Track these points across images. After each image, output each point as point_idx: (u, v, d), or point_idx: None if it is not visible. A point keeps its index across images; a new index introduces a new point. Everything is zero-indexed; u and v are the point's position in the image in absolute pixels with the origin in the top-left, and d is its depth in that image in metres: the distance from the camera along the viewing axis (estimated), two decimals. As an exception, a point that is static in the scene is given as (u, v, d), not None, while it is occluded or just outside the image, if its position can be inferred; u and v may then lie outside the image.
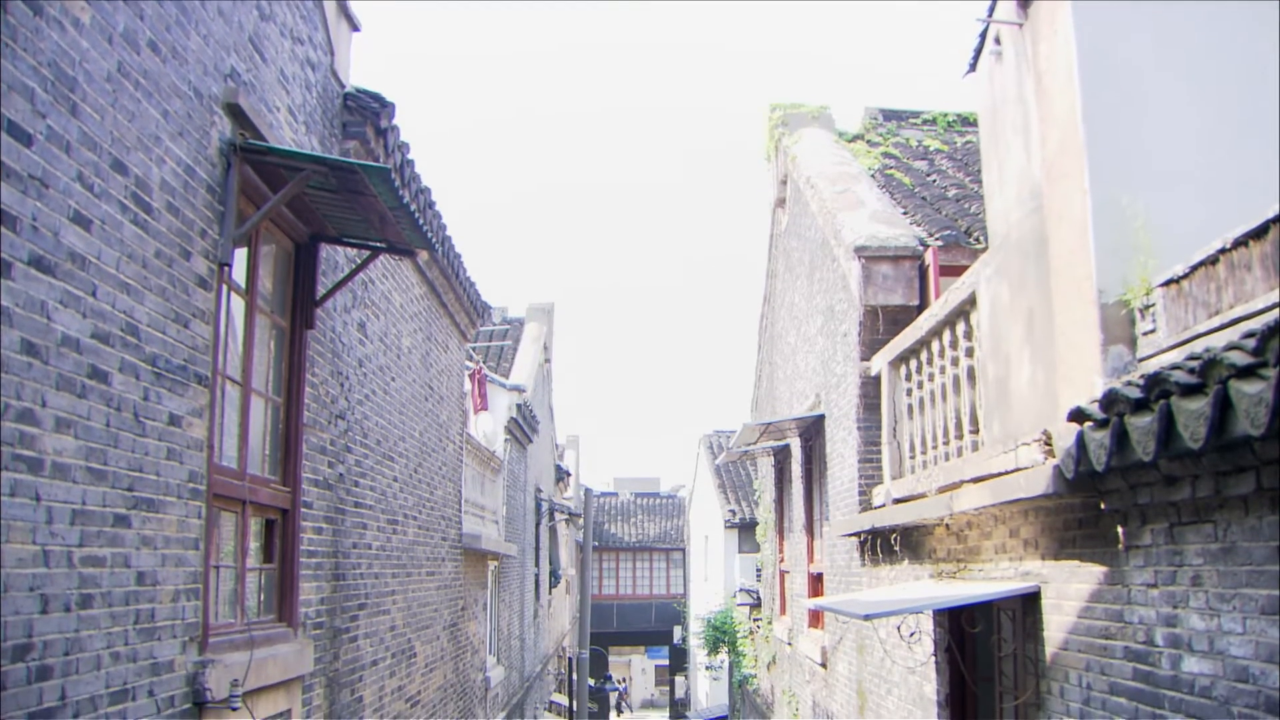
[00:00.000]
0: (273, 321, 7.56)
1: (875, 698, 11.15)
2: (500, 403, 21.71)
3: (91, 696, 4.76)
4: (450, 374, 14.28)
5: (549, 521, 30.44)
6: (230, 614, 6.69)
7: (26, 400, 4.23)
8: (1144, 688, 5.26)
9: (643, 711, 66.77)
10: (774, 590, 19.54)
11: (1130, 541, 5.36)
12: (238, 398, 6.85)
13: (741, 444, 17.22)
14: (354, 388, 9.30)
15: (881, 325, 11.44)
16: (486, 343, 28.76)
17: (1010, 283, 7.18)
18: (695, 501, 47.00)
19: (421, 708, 12.27)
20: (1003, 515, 7.22)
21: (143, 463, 5.22)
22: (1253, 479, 4.20)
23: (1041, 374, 6.61)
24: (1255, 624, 4.31)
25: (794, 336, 16.59)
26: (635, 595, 55.75)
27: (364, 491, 9.66)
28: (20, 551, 4.21)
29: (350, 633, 9.16)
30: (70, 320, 4.57)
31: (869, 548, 11.05)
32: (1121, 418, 4.73)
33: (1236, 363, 3.85)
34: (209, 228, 6.06)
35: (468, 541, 15.22)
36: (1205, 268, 5.31)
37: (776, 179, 17.64)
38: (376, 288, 10.13)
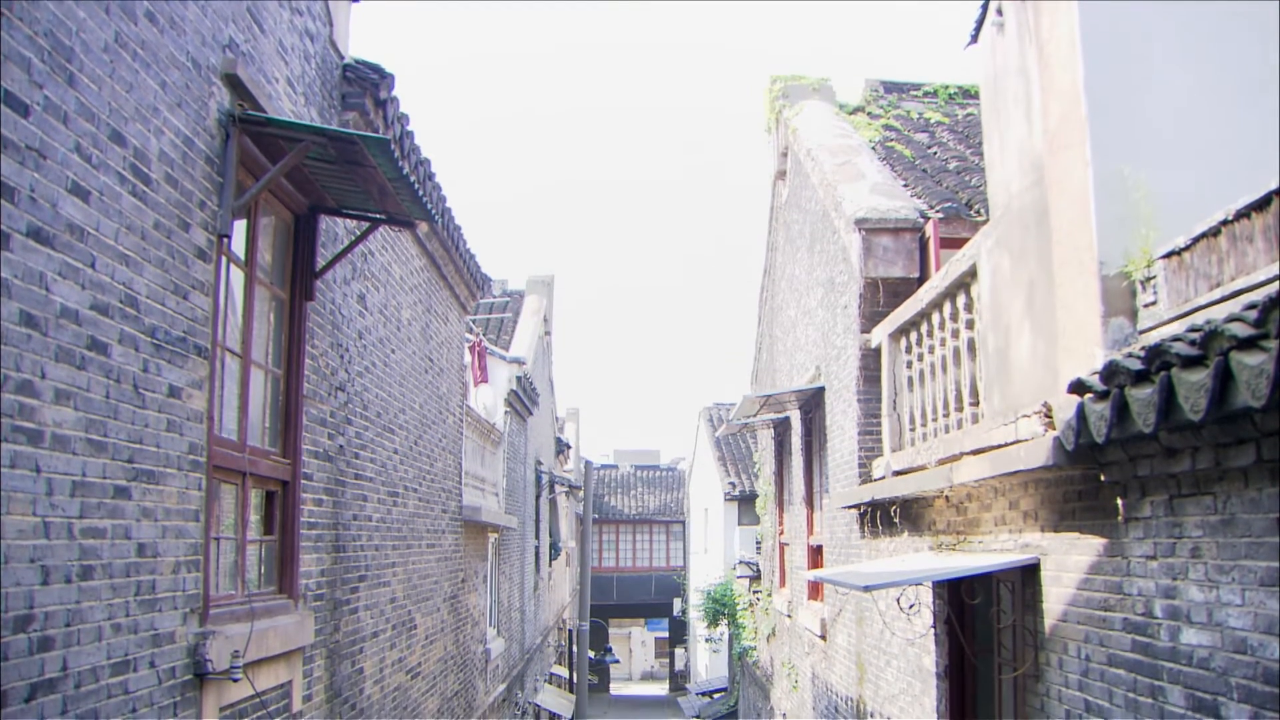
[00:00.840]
0: (272, 293, 7.54)
1: (874, 669, 11.18)
2: (500, 375, 21.71)
3: (93, 667, 4.77)
4: (450, 346, 14.28)
5: (549, 494, 30.50)
6: (231, 586, 6.70)
7: (26, 372, 4.23)
8: (1142, 659, 5.27)
9: (642, 683, 66.99)
10: (773, 562, 19.58)
11: (1130, 513, 5.36)
12: (237, 369, 6.85)
13: (741, 416, 17.22)
14: (354, 360, 9.30)
15: (882, 297, 11.43)
16: (486, 315, 28.75)
17: (1011, 254, 7.16)
18: (695, 474, 47.09)
19: (422, 679, 12.31)
20: (1002, 487, 7.22)
21: (142, 434, 5.22)
22: (1253, 451, 4.20)
23: (1042, 346, 6.61)
24: (1254, 595, 4.32)
25: (794, 309, 16.58)
26: (635, 568, 55.89)
27: (364, 464, 9.66)
28: (21, 523, 4.21)
29: (351, 604, 9.18)
30: (69, 292, 4.56)
31: (869, 520, 11.07)
32: (1122, 389, 4.73)
33: (1237, 334, 3.85)
34: (208, 199, 6.04)
35: (468, 514, 15.24)
36: (1207, 239, 5.29)
37: (777, 151, 17.60)
38: (376, 259, 10.11)
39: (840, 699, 13.07)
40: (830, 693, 13.73)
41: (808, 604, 15.58)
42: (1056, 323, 6.42)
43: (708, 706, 32.32)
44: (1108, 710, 5.66)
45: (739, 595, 25.08)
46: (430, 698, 12.81)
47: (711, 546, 39.16)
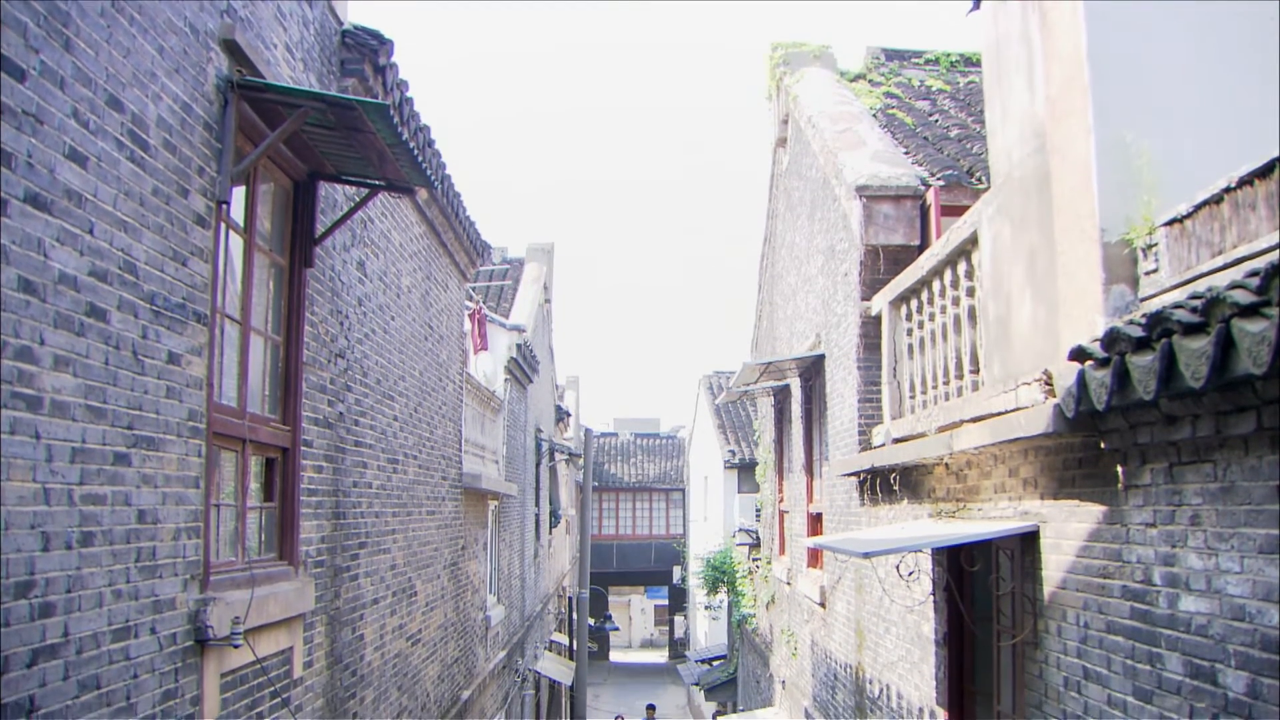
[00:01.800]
0: (271, 260, 7.53)
1: (873, 636, 11.22)
2: (500, 343, 21.70)
3: (94, 633, 4.78)
4: (450, 313, 14.26)
5: (549, 461, 30.52)
6: (231, 552, 6.71)
7: (25, 338, 4.22)
8: (1141, 626, 5.28)
9: (642, 651, 67.25)
10: (773, 530, 19.62)
11: (1130, 481, 5.36)
12: (237, 336, 6.84)
13: (741, 384, 17.22)
14: (353, 326, 9.29)
15: (882, 265, 11.42)
16: (486, 283, 28.72)
17: (1012, 222, 7.14)
18: (695, 442, 47.16)
19: (423, 646, 12.36)
20: (1002, 455, 7.22)
21: (142, 401, 5.21)
22: (1253, 418, 4.20)
23: (1043, 313, 6.60)
24: (1253, 563, 4.32)
25: (794, 276, 16.56)
26: (635, 535, 56.03)
27: (364, 430, 9.67)
28: (21, 489, 4.21)
29: (351, 571, 9.20)
30: (67, 258, 4.54)
31: (868, 487, 11.08)
32: (1123, 356, 4.72)
33: (1239, 301, 3.84)
34: (206, 165, 6.02)
35: (468, 481, 15.26)
36: (1209, 207, 5.27)
37: (778, 118, 17.54)
38: (375, 226, 10.08)
39: (839, 666, 13.12)
40: (829, 660, 13.79)
41: (807, 572, 15.62)
42: (1057, 290, 6.41)
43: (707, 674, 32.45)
44: (1106, 677, 5.67)
45: (738, 563, 25.13)
46: (431, 664, 12.87)
47: (711, 514, 39.25)
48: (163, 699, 5.43)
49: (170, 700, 5.52)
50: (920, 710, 9.44)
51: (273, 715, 7.18)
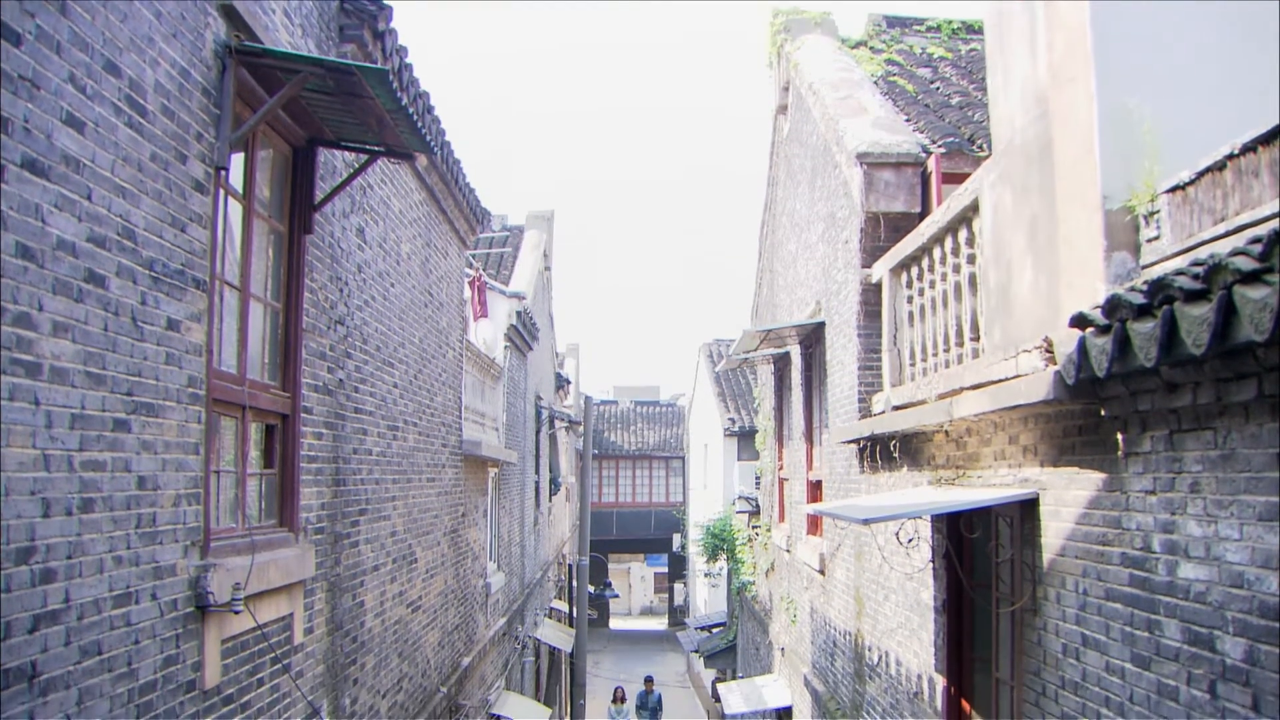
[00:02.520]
0: (270, 226, 7.50)
1: (873, 604, 11.25)
2: (500, 310, 21.67)
3: (95, 599, 4.79)
4: (450, 280, 14.24)
5: (549, 429, 30.56)
6: (231, 519, 6.72)
7: (23, 304, 4.21)
8: (1140, 593, 5.29)
9: (641, 618, 67.48)
10: (773, 498, 19.66)
11: (1130, 448, 5.37)
12: (236, 303, 6.82)
13: (741, 351, 17.22)
14: (353, 293, 9.27)
15: (883, 232, 11.40)
16: (486, 250, 28.67)
17: (1014, 189, 7.12)
18: (695, 409, 47.19)
19: (423, 612, 12.39)
20: (1002, 422, 7.23)
21: (141, 367, 5.20)
22: (1254, 386, 4.19)
23: (1044, 280, 6.58)
24: (1252, 530, 4.33)
25: (794, 244, 16.53)
26: (635, 503, 56.14)
27: (364, 397, 9.67)
28: (20, 455, 4.21)
29: (351, 538, 9.21)
30: (65, 224, 4.53)
31: (868, 455, 11.10)
32: (1124, 323, 4.71)
33: (1241, 268, 3.82)
34: (205, 131, 5.99)
35: (468, 448, 15.27)
36: (1212, 174, 5.26)
37: (778, 85, 17.48)
38: (375, 193, 10.05)
39: (839, 633, 13.17)
40: (829, 627, 13.83)
41: (806, 539, 15.66)
42: (1058, 257, 6.39)
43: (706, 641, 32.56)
44: (1104, 644, 5.69)
45: (738, 530, 25.17)
46: (431, 631, 12.91)
47: (711, 482, 39.31)
48: (164, 664, 5.45)
49: (171, 666, 5.53)
50: (919, 677, 9.48)
51: (273, 681, 7.20)
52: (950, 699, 8.76)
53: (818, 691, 14.35)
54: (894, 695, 10.44)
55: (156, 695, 5.37)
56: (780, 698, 17.80)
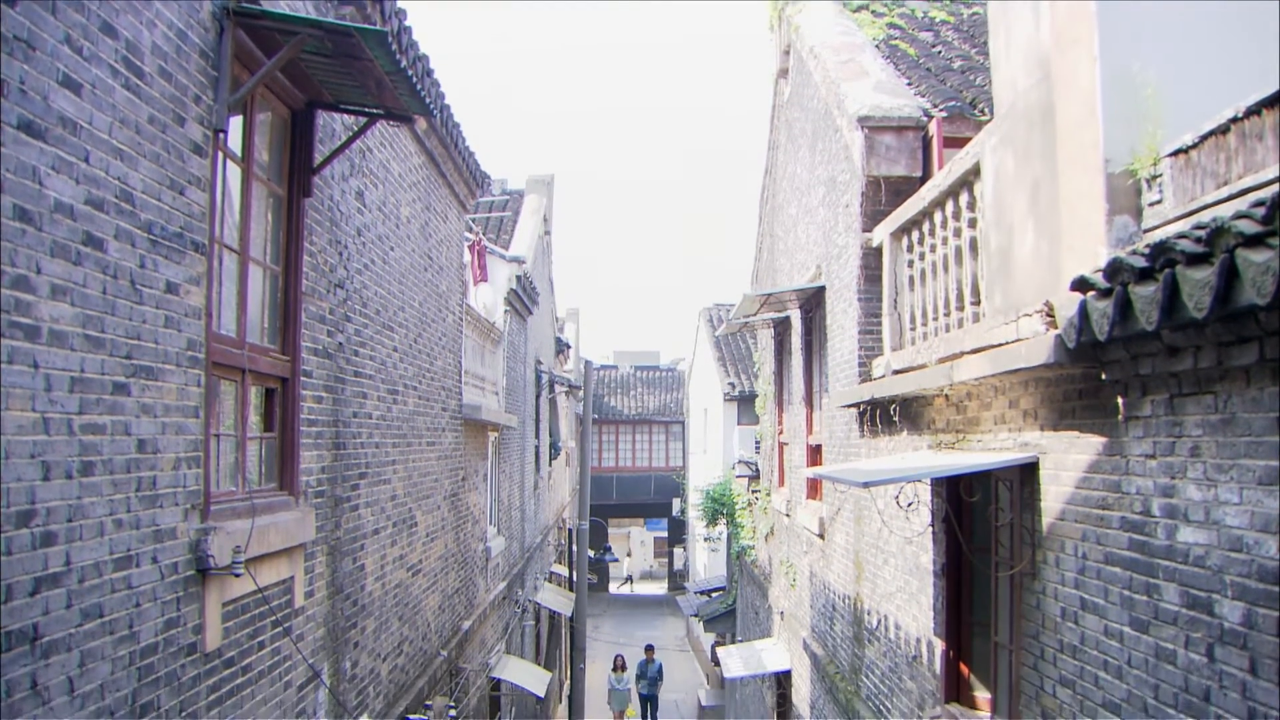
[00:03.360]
0: (270, 189, 7.48)
1: (872, 568, 11.28)
2: (500, 274, 21.64)
3: (96, 562, 4.79)
4: (450, 244, 14.21)
5: (549, 394, 30.57)
6: (232, 482, 6.72)
7: (21, 267, 4.19)
8: (1139, 557, 5.30)
9: (641, 582, 67.70)
10: (772, 462, 19.68)
11: (1130, 412, 5.36)
12: (235, 266, 6.80)
13: (741, 315, 17.20)
14: (352, 257, 9.25)
15: (884, 196, 11.36)
16: (486, 214, 28.59)
17: (1015, 152, 7.09)
18: (695, 374, 47.19)
19: (423, 576, 12.43)
20: (1002, 386, 7.22)
21: (140, 330, 5.19)
22: (1256, 349, 4.18)
23: (1045, 245, 6.56)
24: (1252, 494, 4.33)
25: (795, 208, 16.49)
26: (634, 468, 56.24)
27: (364, 361, 9.66)
28: (20, 419, 4.21)
29: (351, 501, 9.23)
30: (63, 186, 4.51)
31: (868, 419, 11.10)
32: (1125, 287, 4.70)
33: (1244, 231, 3.81)
34: (203, 94, 5.96)
35: (468, 412, 15.28)
36: (1215, 137, 5.23)
37: (779, 49, 17.39)
38: (374, 156, 10.02)
39: (838, 597, 13.21)
40: (828, 591, 13.88)
41: (806, 503, 15.69)
42: (1060, 221, 6.37)
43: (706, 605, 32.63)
44: (1103, 608, 5.70)
45: (738, 495, 25.19)
46: (431, 594, 12.95)
47: (711, 446, 39.35)
48: (165, 627, 5.47)
49: (172, 629, 5.55)
50: (918, 640, 9.51)
51: (274, 644, 7.23)
52: (949, 662, 8.80)
53: (817, 655, 14.41)
54: (893, 659, 10.48)
55: (158, 658, 5.39)
56: (779, 661, 17.88)
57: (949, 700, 8.78)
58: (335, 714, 8.67)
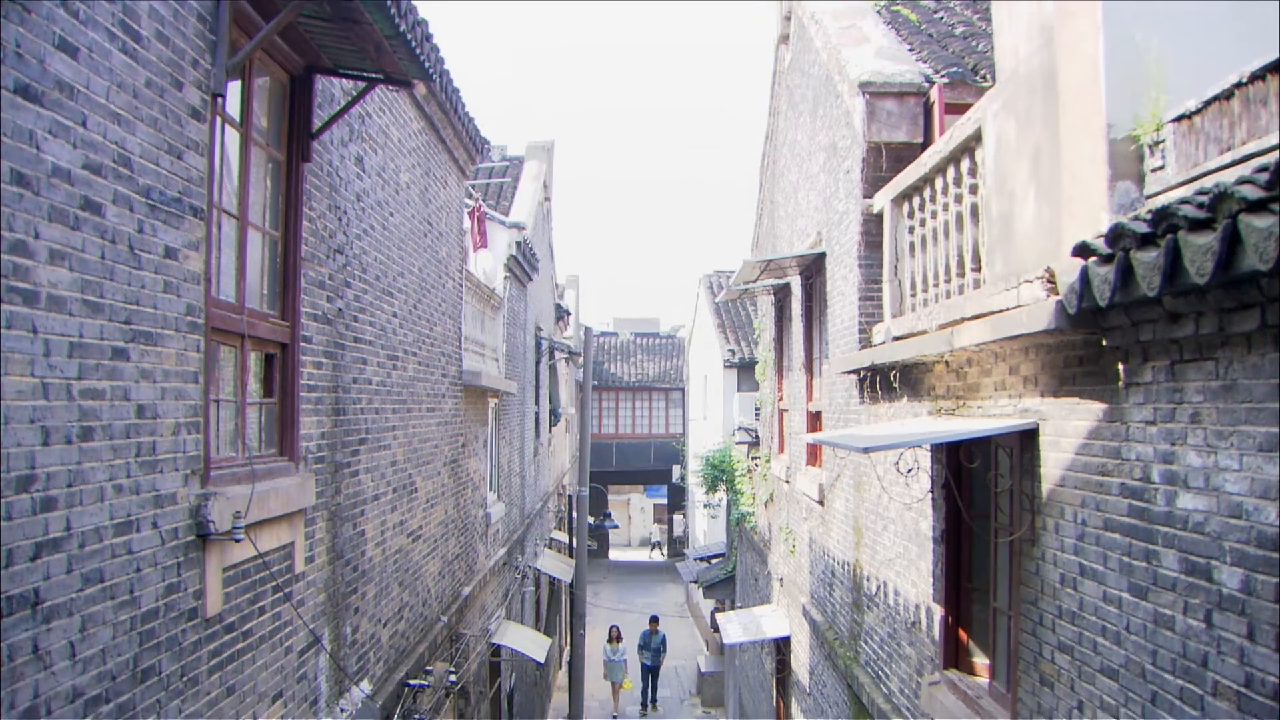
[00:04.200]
0: (268, 155, 7.45)
1: (871, 534, 11.30)
2: (500, 240, 21.59)
3: (96, 527, 4.80)
4: (449, 210, 14.18)
5: (549, 360, 30.56)
6: (232, 448, 6.73)
7: (19, 232, 4.18)
8: (1138, 524, 5.30)
9: (641, 549, 67.88)
10: (772, 429, 19.69)
11: (1130, 379, 5.36)
12: (234, 231, 6.78)
13: (742, 281, 17.18)
14: (352, 222, 9.23)
15: (885, 162, 11.33)
16: (486, 180, 28.52)
17: (1017, 118, 7.06)
18: (695, 341, 47.16)
19: (423, 542, 12.45)
20: (1003, 352, 7.21)
21: (139, 295, 5.18)
22: (1257, 316, 4.17)
23: (1046, 211, 6.54)
24: (1252, 460, 4.32)
25: (796, 174, 16.44)
26: (634, 434, 56.30)
27: (363, 327, 9.65)
28: (19, 384, 4.20)
29: (351, 467, 9.24)
30: (60, 150, 4.49)
31: (868, 385, 11.10)
32: (1127, 252, 4.68)
33: (1247, 197, 3.79)
34: (201, 58, 5.92)
35: (468, 378, 15.28)
36: (1219, 103, 5.20)
37: (780, 14, 17.31)
38: (374, 121, 9.98)
39: (837, 563, 13.24)
40: (827, 557, 13.91)
41: (806, 470, 15.70)
42: (1061, 187, 6.35)
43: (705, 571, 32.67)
44: (1101, 574, 5.71)
45: (737, 461, 25.20)
46: (431, 560, 12.98)
47: (710, 413, 39.34)
48: (165, 592, 5.48)
49: (173, 594, 5.56)
50: (917, 607, 9.54)
51: (275, 609, 7.25)
52: (948, 629, 8.82)
53: (816, 621, 14.46)
54: (891, 625, 10.51)
55: (159, 623, 5.40)
56: (778, 627, 17.94)
57: (947, 666, 8.81)
58: (336, 679, 8.71)
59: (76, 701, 4.64)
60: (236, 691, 6.52)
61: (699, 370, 44.55)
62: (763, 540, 20.96)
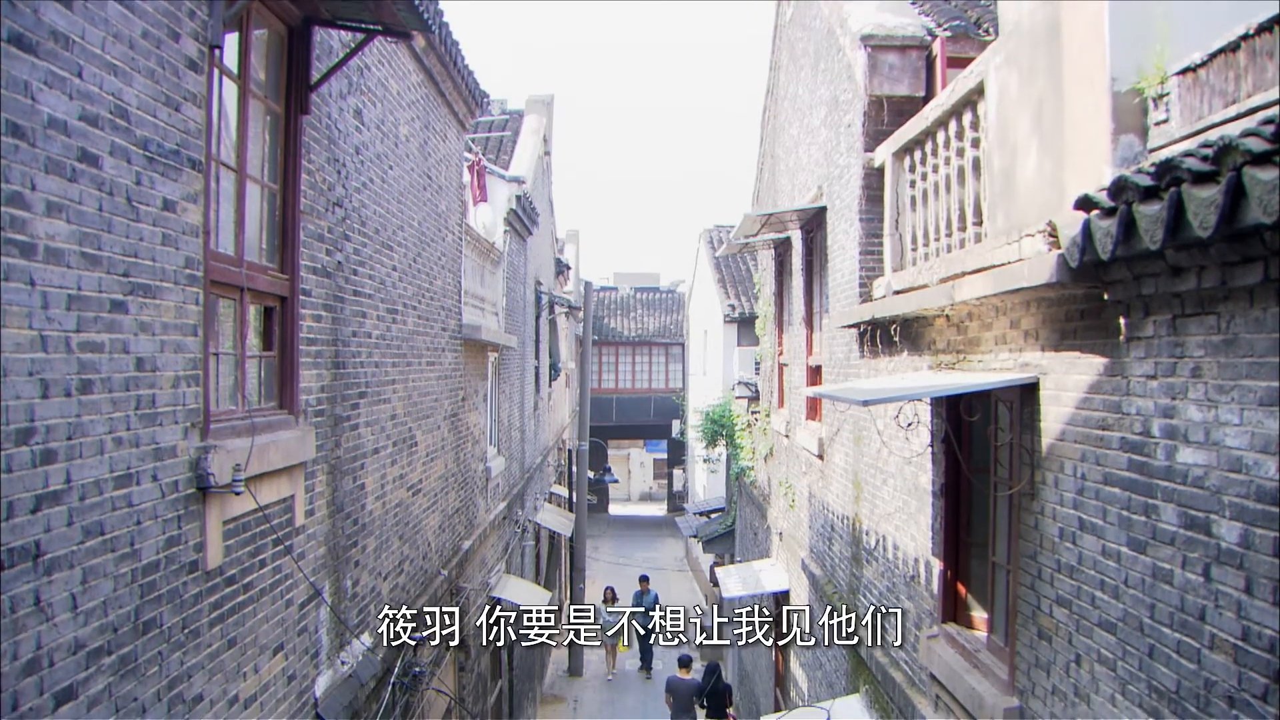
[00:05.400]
0: (267, 107, 7.41)
1: (871, 488, 11.32)
2: (500, 194, 21.52)
3: (96, 480, 4.80)
4: (449, 164, 14.12)
5: (549, 314, 30.54)
6: (231, 401, 6.72)
7: (15, 183, 4.15)
8: (1138, 478, 5.30)
9: (641, 504, 68.09)
10: (772, 383, 19.69)
11: (1132, 333, 5.34)
12: (233, 184, 6.75)
13: (742, 235, 17.13)
14: (351, 175, 9.19)
15: (886, 116, 11.28)
16: (485, 134, 28.40)
17: (1020, 72, 7.02)
18: (695, 296, 47.10)
19: (423, 495, 12.48)
20: (1004, 306, 7.20)
21: (138, 248, 5.16)
22: (1260, 269, 4.15)
23: (1049, 164, 6.51)
24: (1253, 415, 4.32)
25: (797, 128, 16.37)
26: (634, 389, 56.32)
27: (363, 280, 9.63)
28: (18, 336, 4.19)
29: (351, 420, 9.24)
30: (56, 102, 4.45)
31: (868, 339, 11.09)
32: (1130, 205, 4.66)
33: (1252, 149, 3.76)
34: (197, 9, 5.87)
35: (467, 332, 15.26)
36: (1225, 55, 5.16)
37: (782, -35, 17.17)
38: (372, 74, 9.92)
39: (836, 517, 13.27)
40: (827, 511, 13.94)
41: (806, 424, 15.72)
42: (1064, 141, 6.32)
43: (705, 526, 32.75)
44: (1100, 528, 5.72)
45: (737, 416, 25.23)
46: (431, 514, 13.01)
47: (710, 368, 39.35)
48: (166, 545, 5.49)
49: (174, 546, 5.57)
50: (916, 561, 9.57)
51: (275, 562, 7.27)
52: (946, 582, 8.85)
53: (815, 575, 14.51)
54: (890, 579, 10.55)
55: (159, 575, 5.41)
56: (777, 581, 18.00)
57: (946, 620, 8.84)
58: (337, 631, 8.75)
59: (79, 653, 4.65)
60: (238, 644, 6.55)
61: (699, 325, 44.53)
62: (762, 495, 21.01)
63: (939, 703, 8.70)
